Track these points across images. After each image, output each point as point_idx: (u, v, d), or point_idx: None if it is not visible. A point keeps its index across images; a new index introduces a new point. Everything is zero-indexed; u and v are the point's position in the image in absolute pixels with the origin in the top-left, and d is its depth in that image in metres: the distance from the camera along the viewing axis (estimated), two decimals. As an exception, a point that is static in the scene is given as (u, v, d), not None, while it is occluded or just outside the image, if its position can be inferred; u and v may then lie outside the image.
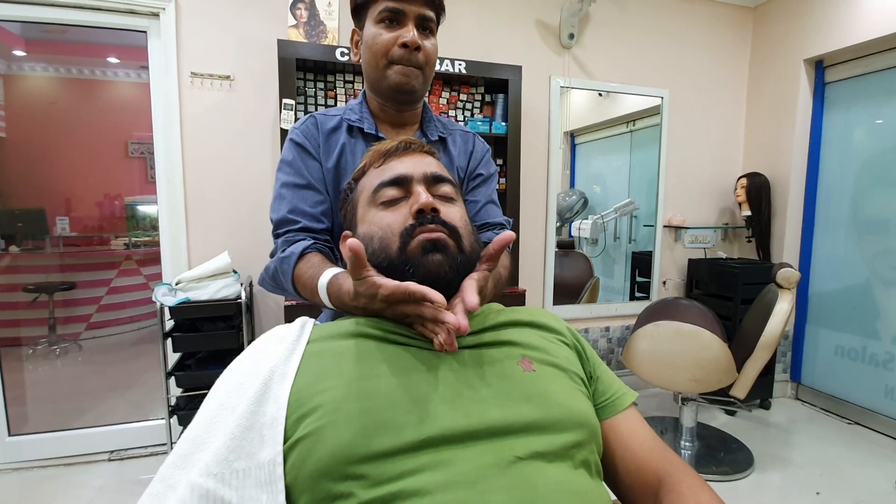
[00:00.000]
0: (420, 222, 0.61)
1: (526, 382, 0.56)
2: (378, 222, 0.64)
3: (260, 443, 0.49)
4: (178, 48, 2.08)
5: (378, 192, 0.66)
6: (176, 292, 1.89)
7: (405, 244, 0.60)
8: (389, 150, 0.70)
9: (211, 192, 2.19)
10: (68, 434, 2.20)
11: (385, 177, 0.66)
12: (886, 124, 2.48)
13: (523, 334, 0.65)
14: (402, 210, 0.64)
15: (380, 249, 0.62)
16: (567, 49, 2.66)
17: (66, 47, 4.14)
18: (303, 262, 0.81)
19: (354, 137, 0.93)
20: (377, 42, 0.86)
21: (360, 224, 0.68)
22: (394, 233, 0.62)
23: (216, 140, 2.18)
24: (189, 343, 1.92)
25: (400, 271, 0.60)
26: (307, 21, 2.04)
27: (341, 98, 2.17)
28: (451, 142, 1.01)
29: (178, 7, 2.07)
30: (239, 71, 2.17)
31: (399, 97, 0.91)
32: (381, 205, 0.65)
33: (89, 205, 4.30)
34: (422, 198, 0.62)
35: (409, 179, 0.65)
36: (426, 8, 0.87)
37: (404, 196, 0.65)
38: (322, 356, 0.57)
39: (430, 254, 0.60)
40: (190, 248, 2.19)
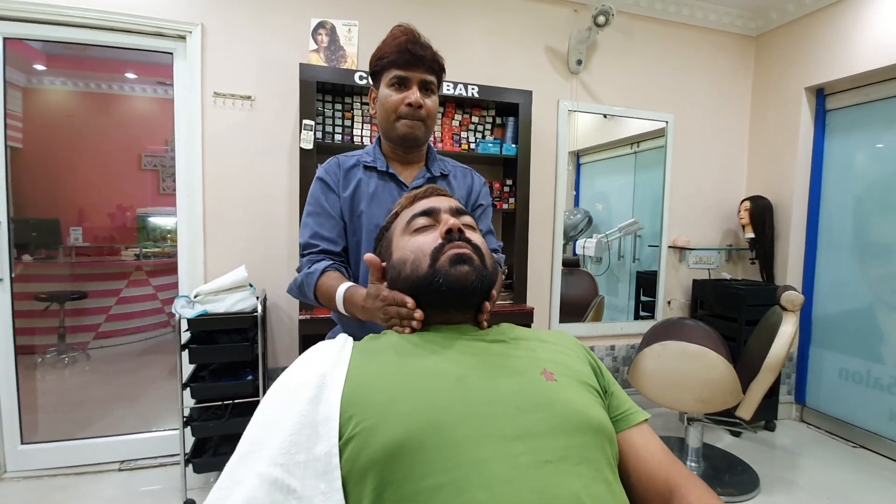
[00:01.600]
0: (448, 240, 0.72)
1: (549, 391, 0.62)
2: (411, 246, 0.75)
3: (315, 438, 0.54)
4: (203, 69, 2.16)
5: (411, 222, 0.77)
6: (194, 304, 1.93)
7: (435, 260, 0.71)
8: (419, 193, 0.84)
9: (229, 208, 2.25)
10: (79, 444, 2.23)
11: (416, 209, 0.79)
12: (886, 151, 2.54)
13: (543, 349, 0.72)
14: (432, 234, 0.75)
15: (412, 270, 0.72)
16: (575, 74, 2.74)
17: (85, 63, 4.25)
18: (324, 277, 1.04)
19: (369, 174, 1.16)
20: (388, 101, 1.09)
21: (394, 252, 0.79)
22: (425, 253, 0.72)
23: (235, 157, 2.25)
24: (205, 355, 1.96)
25: (430, 283, 0.70)
26: (327, 46, 2.12)
27: (357, 119, 2.24)
28: (452, 177, 1.22)
29: (203, 30, 2.15)
30: (259, 91, 2.25)
31: (406, 144, 1.13)
32: (413, 231, 0.76)
33: (102, 216, 4.37)
34: (450, 221, 0.73)
35: (438, 210, 0.77)
36: (427, 74, 1.09)
37: (433, 224, 0.76)
38: (367, 363, 0.64)
39: (458, 265, 0.70)
40: (206, 262, 2.24)
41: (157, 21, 2.10)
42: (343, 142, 2.23)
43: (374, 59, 1.11)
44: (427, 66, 1.08)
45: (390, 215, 0.87)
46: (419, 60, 1.07)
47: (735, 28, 3.01)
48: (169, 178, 4.82)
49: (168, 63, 2.23)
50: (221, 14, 2.18)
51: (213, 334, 1.99)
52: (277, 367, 2.37)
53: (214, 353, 1.97)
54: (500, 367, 0.65)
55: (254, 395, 2.03)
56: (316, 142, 2.08)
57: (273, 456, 0.53)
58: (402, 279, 0.75)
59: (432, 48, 1.10)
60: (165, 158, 4.80)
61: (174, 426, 2.38)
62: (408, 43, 1.06)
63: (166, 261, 4.33)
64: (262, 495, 0.50)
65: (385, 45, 1.09)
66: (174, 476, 2.14)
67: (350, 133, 2.24)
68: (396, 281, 0.76)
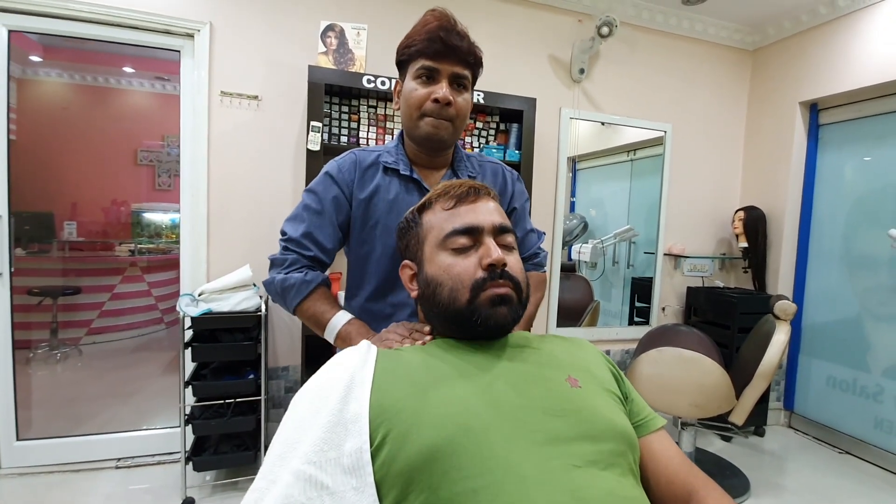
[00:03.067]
0: (490, 276, 0.68)
1: (575, 397, 0.64)
2: (448, 270, 0.70)
3: (345, 435, 0.55)
4: (210, 68, 2.17)
5: (449, 239, 0.71)
6: (198, 303, 1.93)
7: (475, 296, 0.68)
8: (460, 194, 0.75)
9: (233, 207, 2.26)
10: (75, 440, 2.22)
11: (457, 224, 0.72)
12: (876, 166, 2.62)
13: (566, 355, 0.73)
14: (471, 259, 0.70)
15: (449, 300, 0.69)
16: (577, 83, 2.79)
17: (83, 55, 4.21)
18: (318, 294, 0.98)
19: (389, 177, 1.02)
20: (413, 96, 0.95)
21: (427, 263, 0.74)
22: (464, 284, 0.68)
23: (241, 157, 2.25)
24: (208, 353, 1.96)
25: (467, 319, 0.68)
26: (336, 48, 2.14)
27: (364, 122, 2.26)
28: (480, 180, 1.08)
29: (212, 29, 2.16)
30: (266, 92, 2.26)
31: (430, 145, 1.00)
32: (451, 250, 0.71)
33: (96, 210, 4.33)
34: (493, 254, 0.68)
35: (481, 230, 0.71)
36: (460, 66, 0.95)
37: (474, 245, 0.71)
38: (395, 367, 0.65)
39: (498, 307, 0.68)
40: (209, 260, 2.24)
41: (165, 18, 2.10)
42: (349, 143, 2.24)
43: (402, 47, 0.98)
44: (460, 59, 0.94)
45: (421, 203, 0.79)
46: (452, 51, 0.93)
47: (733, 42, 3.08)
48: (165, 173, 4.80)
49: (167, 58, 2.23)
50: (230, 13, 2.19)
51: (216, 333, 2.00)
52: (278, 366, 2.37)
53: (218, 352, 1.97)
54: (526, 373, 0.66)
55: (255, 394, 2.04)
56: (322, 143, 2.09)
57: (307, 453, 0.54)
58: (436, 302, 0.71)
59: (469, 38, 0.96)
60: (161, 154, 4.77)
61: (171, 424, 2.37)
62: (440, 30, 0.92)
63: (161, 257, 4.31)
64: (298, 492, 0.52)
65: (414, 31, 0.96)
66: (172, 474, 2.14)
67: (356, 135, 2.26)
68: (430, 299, 0.73)
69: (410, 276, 0.78)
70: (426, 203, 0.78)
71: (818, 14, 2.70)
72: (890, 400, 2.50)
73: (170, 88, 4.67)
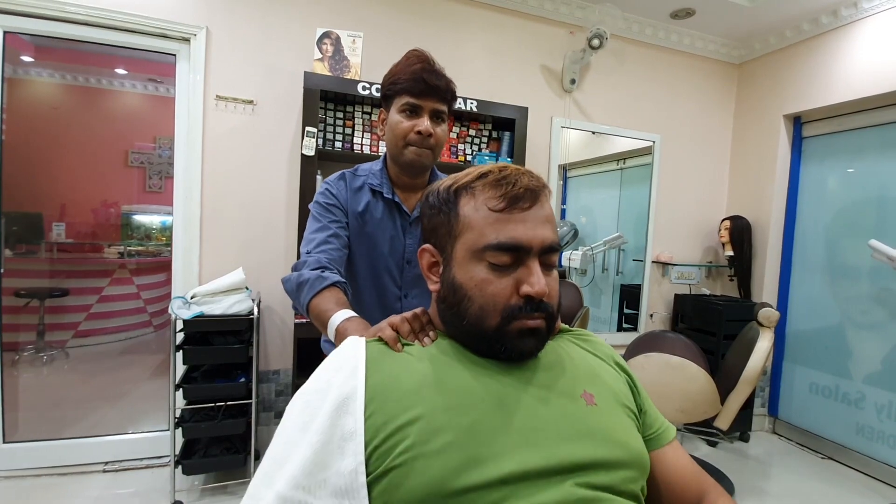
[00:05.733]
0: (526, 307, 0.60)
1: (589, 418, 0.60)
2: (481, 287, 0.61)
3: (340, 455, 0.52)
4: (206, 72, 2.18)
5: (489, 252, 0.60)
6: (190, 305, 1.94)
7: (505, 324, 0.60)
8: (515, 196, 0.61)
9: (226, 210, 2.27)
10: (62, 443, 2.20)
11: (502, 238, 0.60)
12: (856, 179, 2.70)
13: (582, 361, 0.69)
14: (508, 280, 0.60)
15: (476, 319, 0.61)
16: (568, 93, 2.84)
17: (75, 56, 4.19)
18: (329, 292, 0.97)
19: (376, 198, 1.16)
20: (398, 127, 1.08)
21: (456, 265, 0.64)
22: (496, 308, 0.60)
23: (235, 160, 2.26)
24: (200, 356, 1.96)
25: (491, 344, 0.62)
26: (332, 55, 2.17)
27: (358, 127, 2.29)
28: None
29: (208, 34, 2.17)
30: (261, 96, 2.28)
31: (413, 170, 1.13)
32: (488, 263, 0.61)
33: (85, 212, 4.29)
34: (535, 286, 0.59)
35: (528, 251, 0.60)
36: (439, 103, 1.09)
37: (514, 263, 0.61)
38: (401, 375, 0.60)
39: (527, 338, 0.61)
40: (202, 263, 2.24)
41: (162, 22, 2.11)
42: (343, 149, 2.27)
43: (387, 83, 1.10)
44: (440, 96, 1.08)
45: (464, 180, 0.65)
46: (433, 90, 1.06)
47: (720, 55, 3.16)
48: (156, 175, 4.77)
49: (160, 60, 2.25)
50: (227, 18, 2.21)
51: (207, 335, 2.00)
52: (269, 369, 2.38)
53: (209, 355, 1.97)
54: (540, 385, 0.62)
55: (246, 398, 2.04)
56: (317, 149, 2.11)
57: (294, 476, 0.51)
58: (459, 313, 0.63)
59: (446, 77, 1.10)
60: (153, 155, 4.75)
61: (159, 427, 2.36)
62: (423, 71, 1.05)
63: (150, 259, 4.28)
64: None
65: (399, 69, 1.09)
66: (160, 478, 2.13)
67: (350, 141, 2.28)
68: (452, 306, 0.64)
69: (431, 264, 0.69)
70: (467, 185, 0.64)
71: (802, 30, 2.78)
72: (871, 406, 2.56)
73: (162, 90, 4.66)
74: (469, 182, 0.64)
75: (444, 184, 0.68)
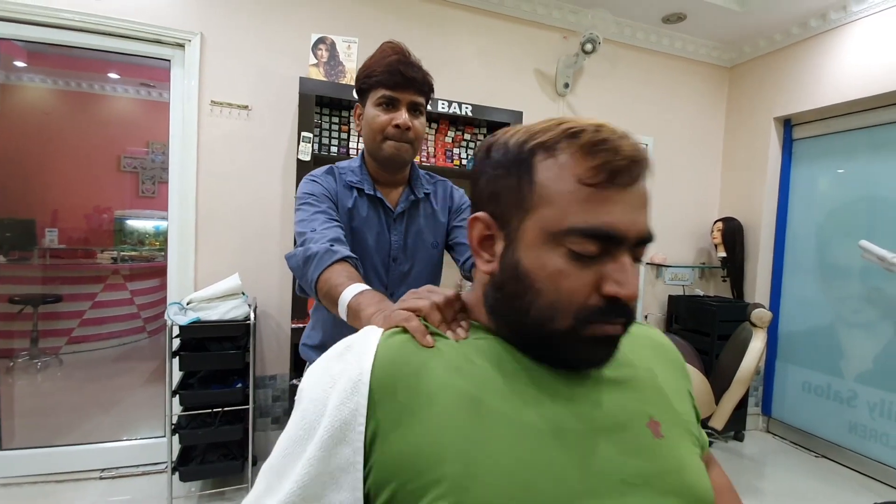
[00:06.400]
0: (607, 310, 0.47)
1: (658, 454, 0.50)
2: (555, 280, 0.47)
3: (335, 487, 0.46)
4: (201, 77, 2.18)
5: (572, 237, 0.46)
6: (186, 311, 1.94)
7: (579, 329, 0.47)
8: (617, 169, 0.46)
9: (222, 215, 2.27)
10: (58, 450, 2.19)
11: (593, 221, 0.46)
12: (847, 180, 2.73)
13: (649, 380, 0.57)
14: (589, 274, 0.47)
15: (542, 317, 0.48)
16: (562, 97, 2.86)
17: (67, 61, 4.18)
18: (340, 266, 0.88)
19: (360, 196, 1.13)
20: (375, 122, 1.05)
21: (523, 247, 0.49)
22: (570, 308, 0.47)
23: (230, 165, 2.27)
24: (196, 362, 1.96)
25: (556, 350, 0.50)
26: (327, 61, 2.18)
27: (354, 132, 2.30)
28: (432, 196, 1.21)
29: (203, 39, 2.18)
30: (256, 101, 2.28)
31: (392, 165, 1.10)
32: (567, 251, 0.47)
33: (78, 217, 4.27)
34: (626, 286, 0.46)
35: (622, 239, 0.47)
36: (416, 95, 1.05)
37: (600, 254, 0.47)
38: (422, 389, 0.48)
39: (601, 347, 0.50)
40: (197, 269, 2.24)
41: (156, 28, 2.11)
42: (339, 154, 2.27)
43: (362, 76, 1.06)
44: (417, 88, 1.04)
45: (546, 138, 0.49)
46: (409, 82, 1.03)
47: (711, 59, 3.20)
48: (149, 180, 4.76)
49: (153, 65, 2.26)
50: (222, 24, 2.21)
51: (204, 341, 2.00)
52: (265, 374, 2.37)
53: (206, 361, 1.97)
54: (603, 408, 0.50)
55: (243, 403, 2.04)
56: (313, 154, 2.12)
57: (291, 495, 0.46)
58: (520, 307, 0.49)
59: (423, 69, 1.06)
60: (146, 160, 4.74)
61: (155, 434, 2.35)
62: (398, 63, 1.02)
63: (144, 265, 4.26)
64: None
65: (374, 62, 1.05)
66: (157, 484, 2.12)
67: (346, 146, 2.29)
68: (511, 297, 0.51)
69: (483, 237, 0.54)
70: (549, 144, 0.48)
71: (791, 34, 2.82)
72: (863, 405, 2.59)
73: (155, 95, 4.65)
74: (552, 140, 0.48)
75: (516, 136, 0.51)
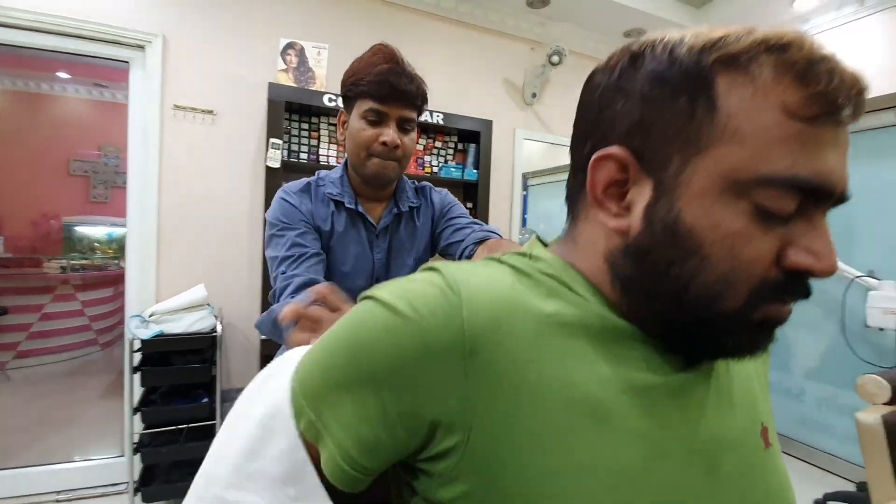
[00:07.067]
0: (791, 287, 0.36)
1: (768, 466, 0.43)
2: (732, 243, 0.34)
3: (269, 437, 0.40)
4: (163, 81, 2.11)
5: (766, 189, 0.33)
6: (149, 325, 1.86)
7: (750, 309, 0.36)
8: (843, 100, 0.33)
9: (186, 224, 2.19)
10: (11, 473, 2.05)
11: (802, 170, 0.33)
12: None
13: (755, 376, 0.48)
14: (773, 239, 0.35)
15: (709, 296, 0.36)
16: (529, 105, 2.92)
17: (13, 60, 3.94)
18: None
19: (338, 209, 1.01)
20: (360, 136, 0.94)
21: (686, 197, 0.35)
22: (748, 281, 0.35)
23: (195, 172, 2.19)
24: (160, 377, 1.88)
25: (715, 332, 0.38)
26: (297, 66, 2.15)
27: (324, 139, 2.27)
28: (416, 209, 1.09)
29: (165, 42, 2.10)
30: (222, 107, 2.22)
31: (377, 183, 0.99)
32: (754, 207, 0.34)
33: (25, 224, 4.03)
34: (825, 260, 0.35)
35: (828, 197, 0.35)
36: (407, 110, 0.94)
37: (792, 216, 0.34)
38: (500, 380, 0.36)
39: (766, 334, 0.40)
40: (159, 280, 2.16)
41: (114, 29, 2.02)
42: (309, 161, 2.24)
43: (348, 82, 0.95)
44: (408, 102, 0.94)
45: (735, 48, 0.34)
46: (400, 95, 0.92)
47: (669, 71, 3.34)
48: (101, 185, 4.54)
49: (107, 65, 2.17)
50: (185, 27, 2.14)
51: (167, 355, 1.92)
52: (232, 388, 2.30)
53: (170, 375, 1.90)
54: (727, 425, 0.42)
55: (209, 419, 1.97)
56: (282, 160, 2.09)
57: (227, 478, 0.40)
58: (677, 281, 0.36)
59: (417, 79, 0.95)
60: (98, 164, 4.52)
61: (114, 453, 2.24)
62: (390, 73, 0.91)
63: (96, 274, 4.05)
64: None
65: (362, 66, 0.93)
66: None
67: (316, 152, 2.26)
68: (658, 264, 0.37)
69: (611, 182, 0.40)
70: (741, 55, 0.34)
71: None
72: (812, 400, 2.76)
73: (108, 96, 4.45)
74: (746, 52, 0.33)
75: (687, 41, 0.36)
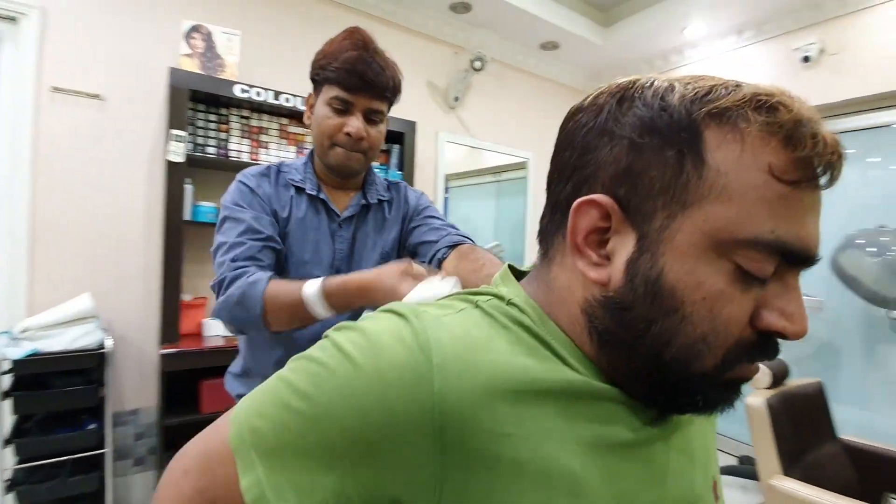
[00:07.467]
0: (763, 348, 0.36)
1: None
2: (713, 304, 0.33)
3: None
4: (40, 59, 1.81)
5: (751, 250, 0.33)
6: (20, 342, 1.58)
7: (723, 370, 0.35)
8: (819, 167, 0.33)
9: (67, 224, 1.90)
10: None
11: (783, 233, 0.32)
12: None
13: (705, 430, 0.47)
14: (749, 300, 0.34)
15: (687, 356, 0.35)
16: (452, 109, 2.95)
17: None
18: (274, 284, 0.80)
19: (298, 196, 0.96)
20: (325, 124, 0.90)
21: (669, 254, 0.34)
22: (725, 342, 0.34)
23: (79, 164, 1.91)
24: (35, 403, 1.60)
25: (689, 391, 0.37)
26: (203, 52, 1.96)
27: (235, 133, 2.10)
28: (387, 203, 1.05)
29: (44, 15, 1.81)
30: (112, 92, 1.96)
31: (340, 173, 0.96)
32: (735, 268, 0.33)
33: None
34: (799, 323, 0.34)
35: (805, 261, 0.35)
36: (376, 101, 0.91)
37: (768, 278, 0.34)
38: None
39: (735, 392, 0.38)
40: (32, 289, 1.84)
41: (-27, -6, 1.71)
42: (217, 156, 2.06)
43: (316, 65, 0.92)
44: (377, 93, 0.90)
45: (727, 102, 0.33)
46: (368, 86, 0.88)
47: (578, 85, 3.55)
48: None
49: None
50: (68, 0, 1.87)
51: (44, 377, 1.64)
52: (125, 410, 2.03)
53: (49, 401, 1.62)
54: (684, 485, 0.41)
55: (98, 447, 1.71)
56: (187, 154, 1.89)
57: None
58: (656, 339, 0.35)
59: (389, 68, 0.92)
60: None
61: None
62: (359, 61, 0.87)
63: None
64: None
65: (332, 50, 0.90)
66: (-25, 561, 1.69)
67: (225, 147, 2.08)
68: (635, 323, 0.35)
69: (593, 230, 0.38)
70: (731, 111, 0.33)
71: (641, 71, 3.25)
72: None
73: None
74: (735, 107, 0.33)
75: (678, 90, 0.35)
